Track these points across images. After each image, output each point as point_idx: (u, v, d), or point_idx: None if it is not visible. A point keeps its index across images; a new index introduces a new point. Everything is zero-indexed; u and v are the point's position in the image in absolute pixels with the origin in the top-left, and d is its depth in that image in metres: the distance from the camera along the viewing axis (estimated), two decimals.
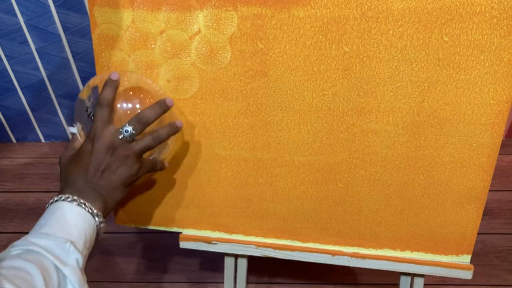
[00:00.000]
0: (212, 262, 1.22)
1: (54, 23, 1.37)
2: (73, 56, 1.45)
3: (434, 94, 0.65)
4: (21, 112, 1.60)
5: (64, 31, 1.39)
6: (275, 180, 0.75)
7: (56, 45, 1.43)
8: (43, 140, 1.69)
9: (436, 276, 1.11)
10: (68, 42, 1.42)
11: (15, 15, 1.35)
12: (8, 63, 1.47)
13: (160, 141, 0.66)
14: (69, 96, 1.56)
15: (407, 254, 0.77)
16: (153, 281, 1.18)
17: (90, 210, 0.60)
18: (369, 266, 0.78)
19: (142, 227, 0.84)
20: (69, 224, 0.57)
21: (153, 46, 0.70)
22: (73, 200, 0.59)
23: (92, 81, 0.68)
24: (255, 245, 0.80)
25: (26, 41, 1.41)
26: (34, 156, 1.63)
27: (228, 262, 0.88)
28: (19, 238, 0.56)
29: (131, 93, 0.67)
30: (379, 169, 0.71)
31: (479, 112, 0.65)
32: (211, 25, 0.67)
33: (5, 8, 1.34)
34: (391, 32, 0.62)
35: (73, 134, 0.69)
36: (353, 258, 0.78)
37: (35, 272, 0.50)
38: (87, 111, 0.66)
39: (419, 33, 0.62)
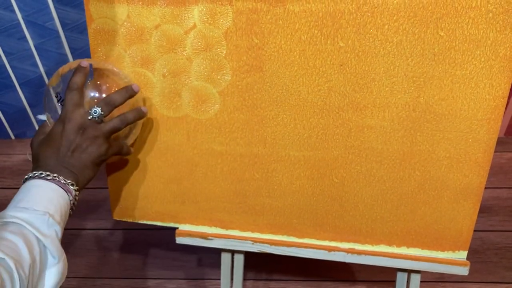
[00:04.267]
0: (211, 258, 1.22)
1: (52, 19, 1.37)
2: (72, 52, 1.45)
3: (430, 89, 0.65)
4: (19, 109, 1.60)
5: (62, 27, 1.39)
6: (271, 175, 0.75)
7: (54, 41, 1.42)
8: None
9: (433, 272, 1.11)
10: (66, 38, 1.42)
11: (13, 11, 1.35)
12: (6, 59, 1.47)
13: (127, 124, 0.69)
14: None
15: (403, 250, 0.77)
16: (151, 277, 1.18)
17: (64, 181, 0.62)
18: (365, 262, 0.78)
19: (139, 221, 0.84)
20: (46, 198, 0.60)
21: (148, 40, 0.69)
22: (47, 175, 0.61)
23: (61, 69, 0.70)
24: (252, 240, 0.80)
25: (24, 37, 1.41)
26: None
27: (225, 258, 0.88)
28: None
29: (100, 81, 0.70)
30: (374, 164, 0.71)
31: (475, 107, 0.65)
32: (206, 19, 0.67)
33: (2, 4, 1.34)
34: (386, 26, 0.62)
35: (42, 121, 0.71)
36: (349, 254, 0.78)
37: (19, 242, 0.53)
38: (56, 96, 0.69)
39: (415, 27, 0.62)
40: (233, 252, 0.88)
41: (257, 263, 1.18)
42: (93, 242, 1.27)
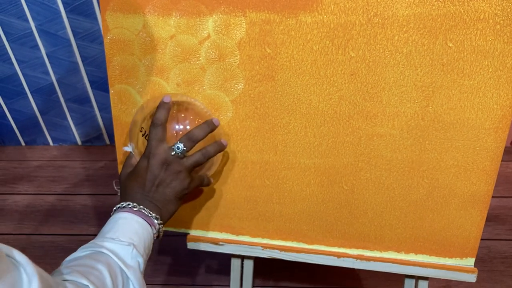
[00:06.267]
0: (218, 265, 1.23)
1: (64, 28, 1.40)
2: (83, 61, 1.48)
3: (439, 98, 0.66)
4: (30, 116, 1.62)
5: (74, 36, 1.41)
6: (282, 182, 0.77)
7: (66, 49, 1.45)
8: (51, 144, 1.71)
9: (440, 280, 1.11)
10: (77, 46, 1.44)
11: (26, 20, 1.38)
12: (19, 67, 1.49)
13: (209, 157, 0.70)
14: (78, 100, 1.58)
15: (411, 257, 0.78)
16: (159, 283, 1.19)
17: (149, 214, 0.65)
18: (374, 268, 0.79)
19: None
20: (131, 230, 0.63)
21: (163, 50, 0.71)
22: (134, 206, 0.65)
23: (146, 104, 0.73)
24: (262, 246, 0.81)
25: (36, 45, 1.44)
26: (42, 159, 1.65)
27: (235, 264, 0.89)
28: (28, 240, 0.58)
29: (182, 115, 0.72)
30: (384, 172, 0.73)
31: (483, 116, 0.66)
32: (220, 30, 0.68)
33: (17, 13, 1.37)
34: (396, 37, 0.64)
35: (129, 152, 0.74)
36: (358, 260, 0.79)
37: (104, 271, 0.55)
38: (141, 131, 0.72)
39: (424, 38, 0.63)
40: (243, 258, 0.89)
41: (265, 270, 1.19)
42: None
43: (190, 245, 0.84)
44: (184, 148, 0.67)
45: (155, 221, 0.65)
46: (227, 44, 0.69)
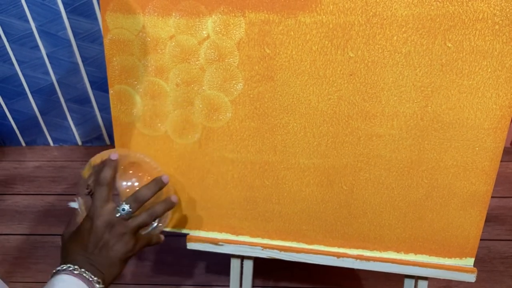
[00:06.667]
0: (218, 265, 1.23)
1: (65, 28, 1.40)
2: (83, 61, 1.48)
3: (438, 99, 0.66)
4: (30, 116, 1.63)
5: (74, 36, 1.42)
6: (281, 182, 0.77)
7: (66, 50, 1.45)
8: (52, 144, 1.71)
9: (440, 281, 1.11)
10: (78, 47, 1.44)
11: (27, 20, 1.38)
12: (19, 67, 1.49)
13: (156, 217, 0.69)
14: (78, 100, 1.58)
15: (411, 257, 0.78)
16: (159, 284, 1.19)
17: (90, 278, 0.62)
18: (374, 269, 0.79)
19: None
20: None
21: (163, 50, 0.71)
22: (74, 269, 0.61)
23: (94, 160, 0.71)
24: (261, 246, 0.81)
25: (37, 46, 1.44)
26: (43, 159, 1.66)
27: (234, 264, 0.89)
28: (28, 240, 0.57)
29: (130, 171, 0.71)
30: (383, 172, 0.73)
31: (482, 116, 0.66)
32: (219, 30, 0.69)
33: (17, 14, 1.37)
34: (395, 38, 0.64)
35: (74, 209, 0.71)
36: (358, 260, 0.79)
37: None
38: (87, 188, 0.70)
39: (423, 39, 0.63)
40: (242, 258, 0.89)
41: (265, 270, 1.19)
42: None
43: (190, 246, 0.84)
44: (130, 210, 0.65)
45: (97, 285, 0.62)
46: (227, 45, 0.69)
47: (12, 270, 1.23)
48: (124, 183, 0.69)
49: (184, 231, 0.84)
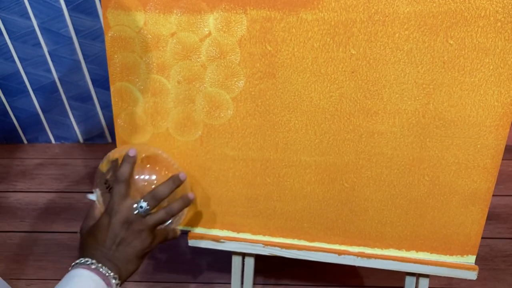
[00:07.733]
0: (220, 263, 1.23)
1: (67, 26, 1.40)
2: (85, 59, 1.48)
3: (439, 96, 0.66)
4: (32, 114, 1.63)
5: (76, 33, 1.42)
6: (282, 180, 0.77)
7: (68, 47, 1.45)
8: (53, 141, 1.71)
9: (441, 279, 1.11)
10: (80, 44, 1.44)
11: (29, 18, 1.38)
12: (21, 65, 1.50)
13: (173, 215, 0.70)
14: (80, 98, 1.58)
15: (412, 254, 0.78)
16: (160, 281, 1.19)
17: (107, 274, 0.63)
18: (375, 266, 0.79)
19: None
20: None
21: (164, 48, 0.71)
22: (91, 263, 0.62)
23: (112, 154, 0.72)
24: (263, 244, 0.81)
25: (39, 43, 1.44)
26: (44, 157, 1.66)
27: (236, 261, 0.90)
28: (30, 237, 0.58)
29: (148, 166, 0.71)
30: (384, 169, 0.73)
31: (484, 114, 0.66)
32: (221, 27, 0.68)
33: (19, 11, 1.37)
34: (397, 35, 0.64)
35: (92, 201, 0.72)
36: (359, 258, 0.79)
37: None
38: (106, 183, 0.71)
39: (425, 36, 0.63)
40: (244, 255, 0.89)
41: (266, 268, 1.19)
42: None
43: (191, 243, 0.84)
44: (148, 207, 0.66)
45: (113, 281, 0.63)
46: (228, 42, 0.69)
47: (13, 267, 1.23)
48: (142, 177, 0.70)
49: (186, 228, 0.84)
